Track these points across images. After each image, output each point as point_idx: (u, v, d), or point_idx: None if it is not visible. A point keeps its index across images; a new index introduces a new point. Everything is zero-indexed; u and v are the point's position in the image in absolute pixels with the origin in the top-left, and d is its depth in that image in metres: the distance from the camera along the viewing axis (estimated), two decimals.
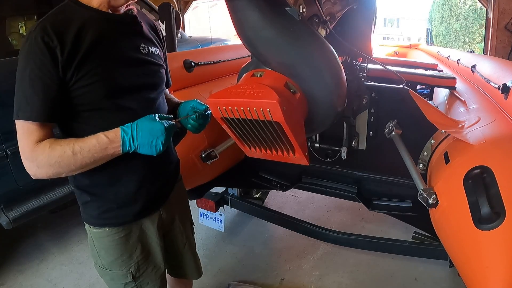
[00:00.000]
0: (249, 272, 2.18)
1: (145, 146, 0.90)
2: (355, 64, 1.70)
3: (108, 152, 0.90)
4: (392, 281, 2.05)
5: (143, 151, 0.91)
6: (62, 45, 0.84)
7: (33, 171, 0.89)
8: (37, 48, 0.83)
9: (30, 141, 0.87)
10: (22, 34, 2.38)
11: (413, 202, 1.62)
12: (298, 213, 2.78)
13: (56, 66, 0.84)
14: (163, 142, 0.90)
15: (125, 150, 0.90)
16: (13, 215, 2.01)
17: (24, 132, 0.88)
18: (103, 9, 0.93)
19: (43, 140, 0.88)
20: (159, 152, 0.91)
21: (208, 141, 1.63)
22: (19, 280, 2.17)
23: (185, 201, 1.35)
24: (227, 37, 5.66)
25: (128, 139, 0.89)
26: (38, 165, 0.88)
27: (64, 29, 0.86)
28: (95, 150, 0.88)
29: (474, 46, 11.29)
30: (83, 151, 0.88)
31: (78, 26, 0.88)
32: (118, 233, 1.06)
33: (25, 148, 0.88)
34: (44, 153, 0.86)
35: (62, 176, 0.90)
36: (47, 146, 0.87)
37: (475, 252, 0.80)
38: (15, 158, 2.01)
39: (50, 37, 0.83)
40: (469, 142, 1.09)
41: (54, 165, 0.87)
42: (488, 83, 1.61)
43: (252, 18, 1.03)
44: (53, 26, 0.84)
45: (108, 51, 0.92)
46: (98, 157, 0.89)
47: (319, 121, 1.20)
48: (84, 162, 0.89)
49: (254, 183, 2.02)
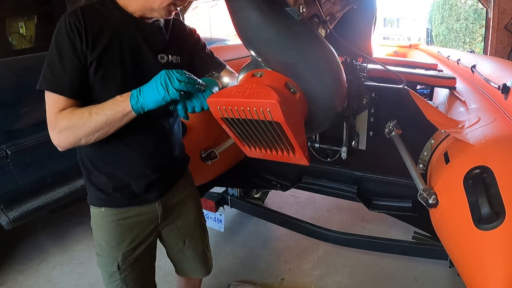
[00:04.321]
0: (249, 272, 2.18)
1: (150, 94, 0.90)
2: (355, 64, 1.70)
3: (119, 108, 0.91)
4: (392, 281, 2.06)
5: (150, 100, 0.90)
6: (87, 33, 0.91)
7: (56, 139, 0.94)
8: (68, 28, 0.91)
9: (54, 110, 0.92)
10: (22, 34, 2.38)
11: (413, 202, 1.63)
12: (298, 213, 2.78)
13: (81, 49, 0.92)
14: (165, 80, 0.89)
15: (133, 103, 0.91)
16: (13, 215, 2.01)
17: (50, 102, 0.93)
18: (135, 15, 1.00)
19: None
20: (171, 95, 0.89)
21: (208, 141, 1.63)
22: (19, 280, 2.17)
23: (193, 199, 1.34)
24: (227, 37, 5.66)
25: (136, 93, 0.92)
26: (59, 130, 0.92)
27: (93, 20, 0.94)
28: (108, 108, 0.91)
29: (474, 46, 11.29)
30: (98, 110, 0.91)
31: (106, 23, 0.96)
32: (112, 215, 1.11)
33: (50, 116, 0.93)
34: (65, 117, 0.91)
35: (81, 142, 0.94)
36: (69, 111, 0.92)
37: (475, 252, 0.80)
38: (15, 158, 2.01)
39: (80, 22, 0.91)
40: (469, 142, 1.09)
41: (72, 127, 0.91)
42: (488, 83, 1.61)
43: (252, 18, 1.03)
44: (85, 15, 0.93)
45: (126, 54, 0.98)
46: (110, 115, 0.91)
47: (319, 121, 1.20)
48: (98, 122, 0.91)
49: (254, 183, 2.02)
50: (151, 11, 0.99)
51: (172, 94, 0.90)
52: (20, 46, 2.39)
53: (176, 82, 0.89)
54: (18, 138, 2.02)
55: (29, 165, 2.09)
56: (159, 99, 0.90)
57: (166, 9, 0.98)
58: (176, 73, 0.90)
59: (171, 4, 0.98)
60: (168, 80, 0.89)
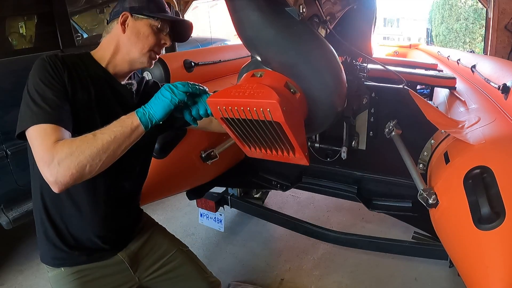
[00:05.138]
0: (249, 272, 2.18)
1: (156, 102, 0.89)
2: (355, 64, 1.70)
3: (126, 123, 0.87)
4: (392, 281, 2.05)
5: (158, 108, 0.89)
6: (66, 74, 0.92)
7: (54, 174, 0.81)
8: (53, 65, 0.90)
9: (49, 141, 0.82)
10: (22, 34, 2.39)
11: (413, 202, 1.62)
12: (298, 213, 2.78)
13: (65, 85, 0.91)
14: (169, 87, 0.90)
15: (140, 115, 0.88)
16: (13, 215, 2.01)
17: (44, 135, 0.83)
18: (109, 70, 1.01)
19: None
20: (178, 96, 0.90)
21: (208, 141, 1.63)
22: (19, 280, 2.17)
23: (160, 234, 1.29)
24: (227, 37, 5.66)
25: (141, 107, 0.90)
26: (58, 160, 0.80)
27: (71, 67, 0.94)
28: (114, 126, 0.87)
29: (474, 46, 11.28)
30: (102, 130, 0.86)
31: (83, 71, 0.96)
32: (73, 274, 1.05)
33: (43, 148, 0.82)
34: (64, 144, 0.82)
35: (86, 170, 0.83)
36: (67, 139, 0.85)
37: (475, 252, 0.80)
38: (15, 158, 2.01)
39: (60, 63, 0.92)
40: (469, 142, 1.09)
41: (74, 152, 0.81)
42: (488, 83, 1.61)
43: (252, 18, 1.03)
44: (64, 59, 0.94)
45: (96, 108, 0.97)
46: (118, 132, 0.85)
47: (319, 121, 1.20)
48: (105, 141, 0.83)
49: (254, 183, 2.02)
50: (129, 64, 1.01)
51: (179, 95, 0.90)
52: (20, 46, 2.39)
53: (180, 85, 0.91)
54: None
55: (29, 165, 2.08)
56: (166, 103, 0.89)
57: (147, 56, 1.00)
58: (176, 82, 0.92)
59: (151, 51, 1.00)
60: (172, 86, 0.90)
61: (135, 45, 0.98)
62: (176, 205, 2.96)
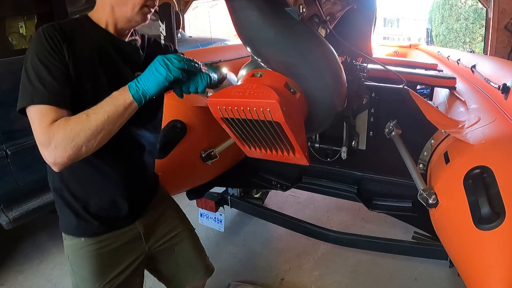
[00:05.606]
0: (249, 272, 2.18)
1: (150, 78, 0.85)
2: (355, 64, 1.70)
3: (118, 101, 0.85)
4: (392, 281, 2.05)
5: (152, 84, 0.85)
6: (66, 45, 0.89)
7: (52, 155, 0.84)
8: (50, 40, 0.87)
9: (45, 123, 0.84)
10: (22, 34, 2.39)
11: (413, 202, 1.62)
12: (298, 213, 2.78)
13: (64, 58, 0.88)
14: (164, 61, 0.85)
15: (133, 92, 0.85)
16: (13, 215, 2.01)
17: (40, 116, 0.84)
18: (110, 30, 0.97)
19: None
20: (173, 73, 0.85)
21: (208, 141, 1.63)
22: (19, 280, 2.17)
23: (173, 210, 1.31)
24: (227, 37, 5.66)
25: (134, 82, 0.87)
26: (55, 143, 0.82)
27: (71, 36, 0.91)
28: (107, 104, 0.85)
29: (474, 46, 11.28)
30: (95, 110, 0.85)
31: (83, 39, 0.93)
32: (93, 244, 1.06)
33: (41, 131, 0.84)
34: (59, 126, 0.83)
35: (82, 151, 0.84)
36: (62, 120, 0.84)
37: (475, 252, 0.80)
38: (15, 158, 2.01)
39: (59, 34, 0.88)
40: (469, 142, 1.09)
41: (69, 134, 0.82)
42: (488, 83, 1.61)
43: (252, 18, 1.03)
44: (62, 28, 0.90)
45: (102, 72, 0.95)
46: (110, 110, 0.84)
47: (319, 121, 1.20)
48: (99, 121, 0.83)
49: (254, 183, 2.02)
50: (127, 21, 0.97)
51: (174, 72, 0.85)
52: (20, 46, 2.39)
53: (175, 61, 0.86)
54: (18, 138, 2.02)
55: (29, 165, 2.09)
56: (161, 80, 0.85)
57: (140, 13, 0.96)
58: (171, 55, 0.87)
59: (144, 6, 0.96)
60: (167, 61, 0.85)
61: (125, 4, 0.95)
62: None
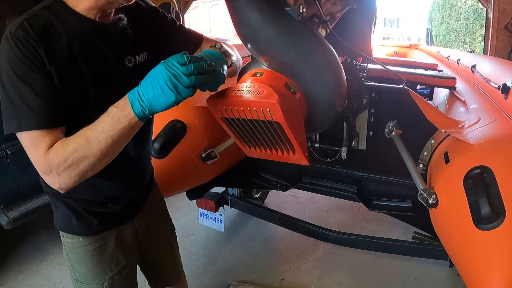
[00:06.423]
0: (249, 272, 2.18)
1: (155, 96, 0.72)
2: (355, 64, 1.70)
3: (122, 123, 0.74)
4: (392, 281, 2.06)
5: (160, 104, 0.73)
6: (43, 47, 0.77)
7: (57, 182, 0.78)
8: (22, 48, 0.75)
9: (40, 151, 0.76)
10: None
11: (413, 202, 1.62)
12: (298, 213, 2.78)
13: (44, 66, 0.77)
14: (171, 80, 0.71)
15: (138, 112, 0.74)
16: (13, 215, 2.01)
17: (33, 143, 0.77)
18: (91, 16, 0.84)
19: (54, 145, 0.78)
20: (183, 96, 0.73)
21: (208, 141, 1.63)
22: (19, 280, 2.17)
23: (162, 207, 1.31)
24: (227, 37, 5.66)
25: (137, 99, 0.73)
26: (57, 172, 0.76)
27: (45, 33, 0.78)
28: (109, 127, 0.75)
29: (474, 46, 11.28)
30: (96, 133, 0.75)
31: (61, 32, 0.80)
32: (92, 243, 1.03)
33: (37, 159, 0.77)
34: (57, 155, 0.75)
35: (88, 175, 0.79)
36: (59, 147, 0.76)
37: (475, 252, 0.80)
38: (15, 158, 2.01)
39: (32, 37, 0.76)
40: (469, 142, 1.09)
41: (72, 164, 0.75)
42: (488, 83, 1.61)
43: (252, 18, 1.03)
44: (33, 27, 0.77)
45: (89, 73, 0.85)
46: (114, 134, 0.75)
47: (319, 121, 1.20)
48: (103, 147, 0.75)
49: (254, 183, 2.02)
50: (108, 3, 0.83)
51: (184, 94, 0.73)
52: None
53: (185, 79, 0.71)
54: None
55: (29, 165, 2.07)
56: (169, 103, 0.73)
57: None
58: (179, 67, 0.71)
59: None
60: (175, 80, 0.71)
61: None
62: (176, 205, 2.95)
